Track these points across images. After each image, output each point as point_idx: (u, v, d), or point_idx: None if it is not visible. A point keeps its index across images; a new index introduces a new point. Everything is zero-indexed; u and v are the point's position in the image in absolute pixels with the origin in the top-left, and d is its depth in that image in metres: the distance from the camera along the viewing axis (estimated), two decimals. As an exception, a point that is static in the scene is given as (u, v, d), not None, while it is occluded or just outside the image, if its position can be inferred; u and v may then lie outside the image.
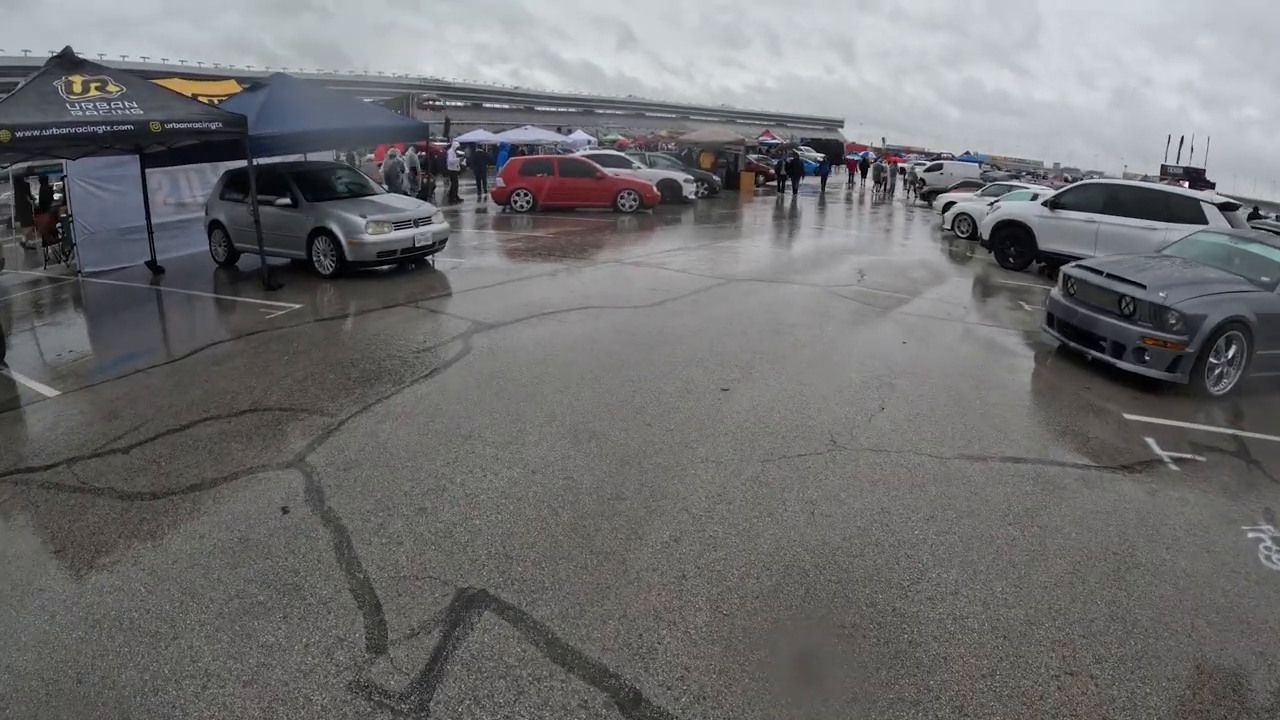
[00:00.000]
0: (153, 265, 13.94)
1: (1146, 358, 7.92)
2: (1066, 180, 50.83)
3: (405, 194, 23.81)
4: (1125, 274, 8.58)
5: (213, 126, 10.66)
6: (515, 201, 23.51)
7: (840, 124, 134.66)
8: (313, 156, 16.28)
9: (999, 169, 57.14)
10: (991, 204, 20.77)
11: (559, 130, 62.22)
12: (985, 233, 16.71)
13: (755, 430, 6.21)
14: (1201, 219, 13.40)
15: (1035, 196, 20.46)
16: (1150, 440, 6.56)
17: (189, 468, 5.52)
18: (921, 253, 18.34)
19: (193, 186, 15.92)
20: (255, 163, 12.93)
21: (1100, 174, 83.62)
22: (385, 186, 22.25)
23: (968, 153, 68.83)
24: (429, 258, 13.71)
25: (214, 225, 14.24)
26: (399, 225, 12.50)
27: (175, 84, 16.26)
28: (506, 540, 4.51)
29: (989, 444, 6.23)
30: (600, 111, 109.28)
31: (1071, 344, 8.85)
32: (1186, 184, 42.29)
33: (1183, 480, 5.84)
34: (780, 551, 4.50)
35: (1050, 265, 15.69)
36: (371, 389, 7.03)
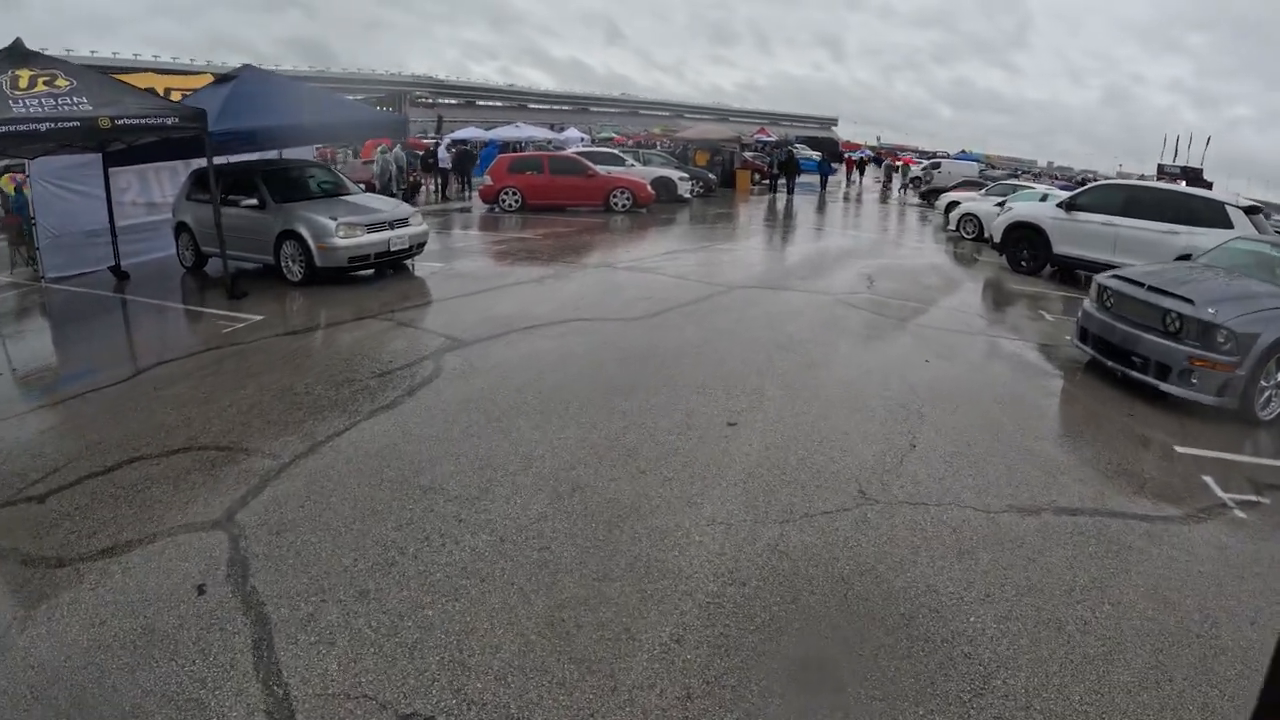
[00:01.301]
0: (117, 271, 13.05)
1: (1194, 380, 7.17)
2: (1056, 180, 50.23)
3: (393, 192, 23.06)
4: (1169, 287, 7.76)
5: (169, 122, 9.81)
6: (503, 200, 22.56)
7: (834, 122, 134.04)
8: (292, 154, 15.41)
9: (994, 168, 56.45)
10: (1000, 204, 20.00)
11: (552, 128, 61.32)
12: (996, 235, 15.89)
13: (769, 479, 5.28)
14: (1226, 223, 12.65)
15: (1045, 197, 19.72)
16: (1208, 479, 5.80)
17: (105, 524, 4.62)
18: (929, 256, 17.46)
19: (163, 186, 14.94)
20: (225, 161, 12.27)
21: (1094, 173, 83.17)
22: (376, 185, 21.52)
23: (964, 151, 68.11)
24: (407, 262, 12.81)
25: (180, 227, 13.33)
26: (373, 228, 11.58)
27: (147, 79, 15.47)
28: (464, 640, 3.59)
29: (1039, 491, 5.36)
30: (594, 109, 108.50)
31: (1110, 363, 8.02)
32: (1184, 183, 41.65)
33: (1250, 530, 5.11)
34: (810, 656, 3.59)
35: (1063, 270, 14.93)
36: (324, 422, 6.11)
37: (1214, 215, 12.84)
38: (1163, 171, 65.33)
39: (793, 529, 4.63)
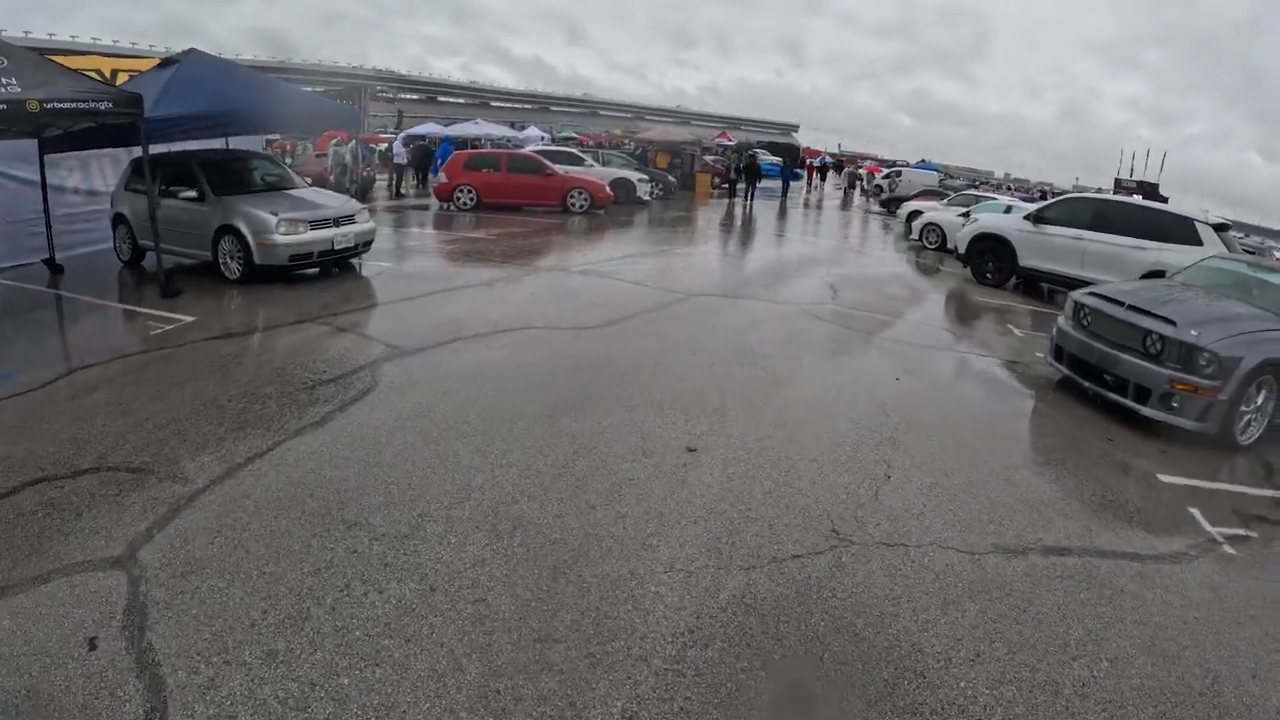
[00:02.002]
0: (51, 264, 12.20)
1: (1174, 404, 6.89)
2: (1015, 191, 50.56)
3: (345, 187, 22.27)
4: (1149, 307, 7.46)
5: (102, 106, 9.08)
6: (458, 198, 21.85)
7: (795, 128, 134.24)
8: (241, 144, 14.64)
9: (953, 178, 56.76)
10: (963, 215, 19.82)
11: (513, 126, 60.53)
12: (961, 246, 15.64)
13: (733, 515, 4.77)
14: (1195, 240, 12.50)
15: (1009, 209, 19.61)
16: (1195, 512, 5.55)
17: (-4, 559, 4.01)
18: (892, 265, 17.16)
19: (106, 174, 14.04)
20: (167, 149, 11.59)
21: (1050, 185, 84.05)
22: (329, 179, 20.72)
23: (923, 160, 68.26)
24: (354, 261, 12.17)
25: (118, 219, 12.53)
26: (316, 224, 10.92)
27: (94, 61, 14.66)
28: (384, 718, 3.06)
29: (1024, 527, 4.96)
30: (555, 109, 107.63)
31: (1087, 384, 7.69)
32: (1140, 197, 41.98)
33: (1241, 567, 4.90)
34: (782, 738, 3.12)
35: (1028, 282, 14.70)
36: (245, 440, 5.51)
37: (1183, 231, 12.67)
38: (1120, 186, 66.13)
39: (760, 576, 4.13)
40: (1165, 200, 47.60)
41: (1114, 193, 60.44)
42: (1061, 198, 16.36)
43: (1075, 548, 4.80)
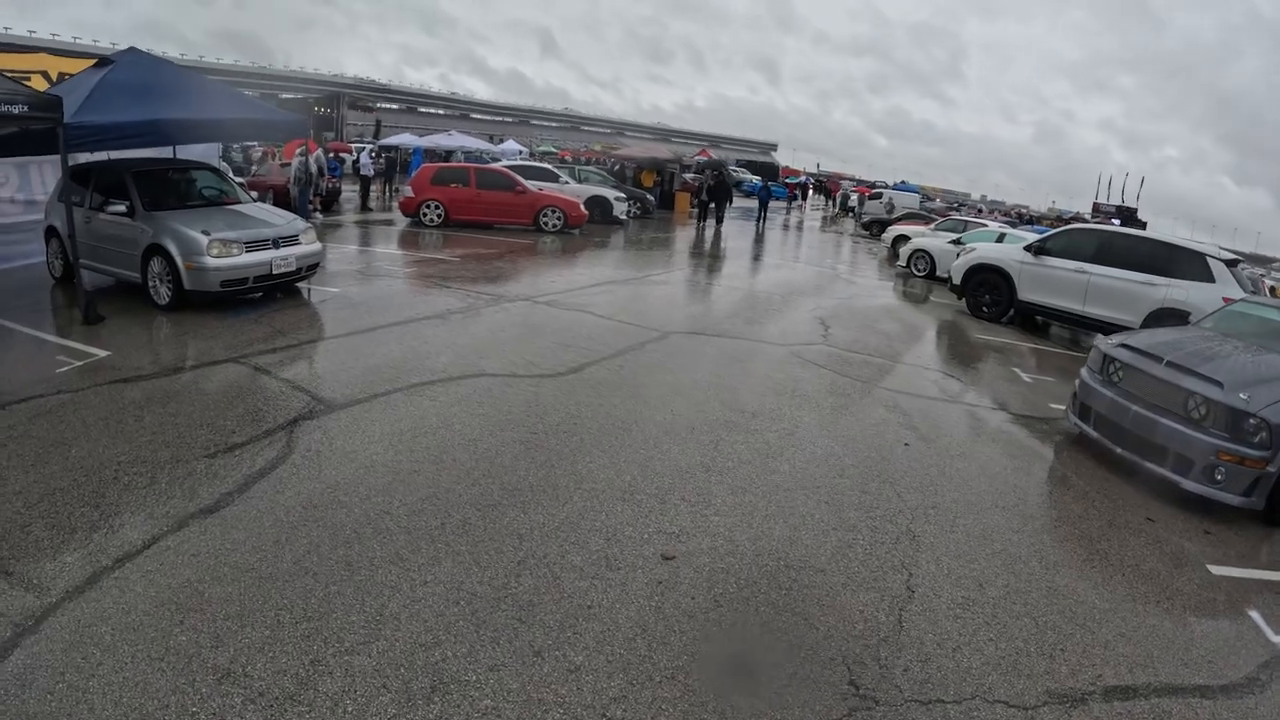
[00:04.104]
0: None
1: (1218, 477, 6.02)
2: (981, 212, 50.07)
3: (309, 198, 21.12)
4: (1191, 364, 6.57)
5: (15, 110, 8.04)
6: (424, 214, 20.70)
7: (774, 147, 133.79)
8: (191, 153, 13.50)
9: (931, 199, 56.23)
10: (955, 242, 19.02)
11: (491, 139, 59.55)
12: (956, 276, 14.79)
13: (722, 661, 3.68)
14: (1207, 276, 11.76)
15: (1002, 236, 18.86)
16: (1255, 616, 4.77)
17: None
18: (881, 295, 16.24)
19: (46, 182, 12.94)
20: (106, 157, 10.77)
21: (1026, 208, 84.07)
22: (291, 190, 19.56)
23: (903, 182, 67.64)
24: (300, 285, 11.06)
25: (50, 233, 11.41)
26: (253, 246, 9.78)
27: (39, 59, 13.65)
28: None
29: (1078, 658, 4.00)
30: (536, 122, 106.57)
31: (1119, 451, 6.76)
32: (1118, 222, 41.65)
33: None
34: None
35: (1023, 316, 13.84)
36: (120, 531, 4.41)
37: (1194, 267, 11.88)
38: (1098, 210, 66.25)
39: (760, 766, 3.07)
40: (1144, 225, 47.43)
41: (1092, 216, 60.32)
42: (1064, 228, 15.50)
43: (1140, 686, 3.85)
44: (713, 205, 28.74)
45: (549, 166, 28.41)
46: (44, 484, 5.00)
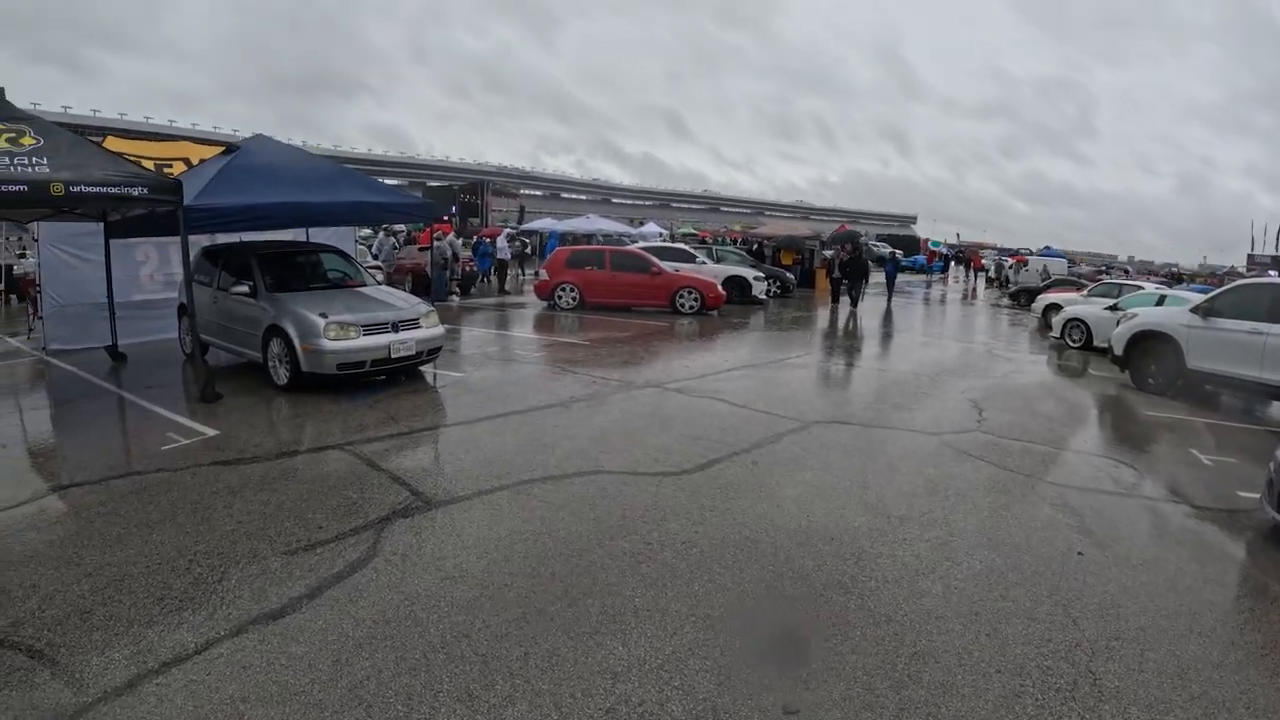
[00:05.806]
0: (113, 352, 11.72)
1: None
2: (1129, 274, 46.90)
3: (445, 281, 21.40)
4: None
5: (135, 193, 8.42)
6: (559, 297, 20.62)
7: (914, 219, 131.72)
8: (325, 236, 13.76)
9: (1076, 264, 53.24)
10: (1111, 308, 17.49)
11: (632, 222, 60.35)
12: (1117, 346, 13.39)
13: None
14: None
15: (1163, 299, 17.23)
16: None
17: None
18: (1036, 372, 14.85)
19: None
20: (238, 239, 11.31)
21: (1177, 266, 78.31)
22: (429, 273, 19.93)
23: (1047, 247, 64.17)
24: (424, 369, 10.83)
25: (182, 310, 11.93)
26: (371, 329, 9.58)
27: (182, 147, 14.30)
28: None
29: None
30: (676, 205, 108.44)
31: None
32: (1274, 274, 38.24)
33: None
34: None
35: (1190, 386, 12.23)
36: (175, 631, 4.00)
37: None
38: (1254, 262, 61.12)
39: None
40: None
41: (1247, 270, 55.60)
42: (1233, 285, 13.75)
43: None
44: (845, 283, 26.15)
45: (685, 247, 28.14)
46: (116, 568, 4.74)
